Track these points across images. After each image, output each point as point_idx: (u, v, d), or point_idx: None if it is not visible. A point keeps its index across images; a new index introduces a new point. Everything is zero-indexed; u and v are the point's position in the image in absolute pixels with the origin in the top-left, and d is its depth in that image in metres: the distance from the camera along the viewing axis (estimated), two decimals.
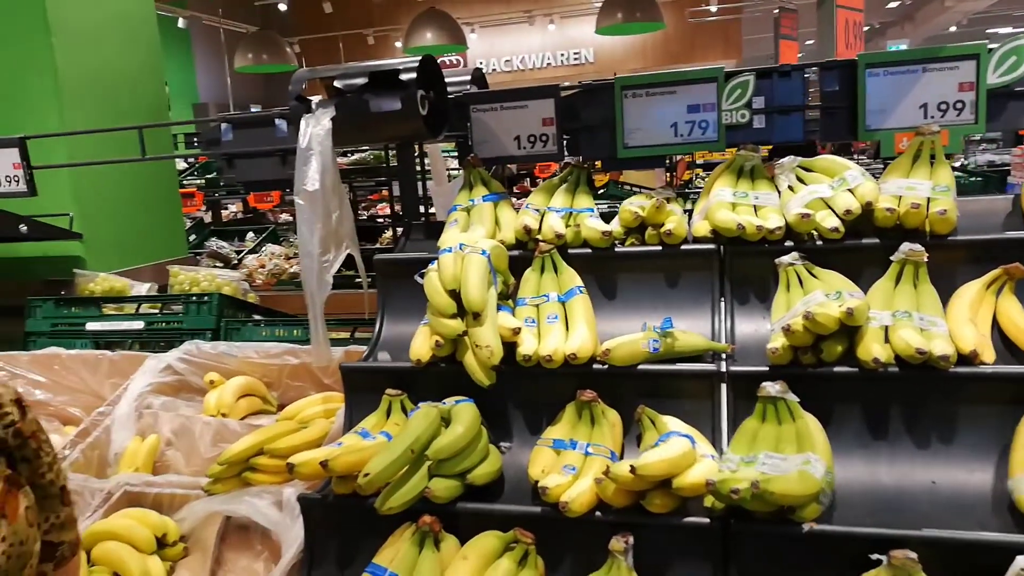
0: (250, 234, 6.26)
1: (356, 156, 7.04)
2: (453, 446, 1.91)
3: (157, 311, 3.24)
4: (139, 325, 3.16)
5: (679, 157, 10.38)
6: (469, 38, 12.86)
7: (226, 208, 8.43)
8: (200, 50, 13.72)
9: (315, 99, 2.46)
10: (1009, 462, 1.78)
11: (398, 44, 13.51)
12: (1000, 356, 1.92)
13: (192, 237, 5.84)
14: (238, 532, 2.22)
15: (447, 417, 2.03)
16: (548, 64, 15.16)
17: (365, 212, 8.75)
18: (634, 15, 9.38)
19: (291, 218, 8.43)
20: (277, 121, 2.77)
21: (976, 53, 2.26)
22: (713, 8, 13.44)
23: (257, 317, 3.27)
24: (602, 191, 7.58)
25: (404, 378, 2.24)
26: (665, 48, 14.54)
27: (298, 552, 2.05)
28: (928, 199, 2.06)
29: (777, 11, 11.36)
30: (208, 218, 7.08)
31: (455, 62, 14.24)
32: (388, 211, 8.04)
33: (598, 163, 2.89)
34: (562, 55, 15.11)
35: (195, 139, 6.74)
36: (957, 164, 8.96)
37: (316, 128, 2.32)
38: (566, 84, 2.59)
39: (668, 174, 9.70)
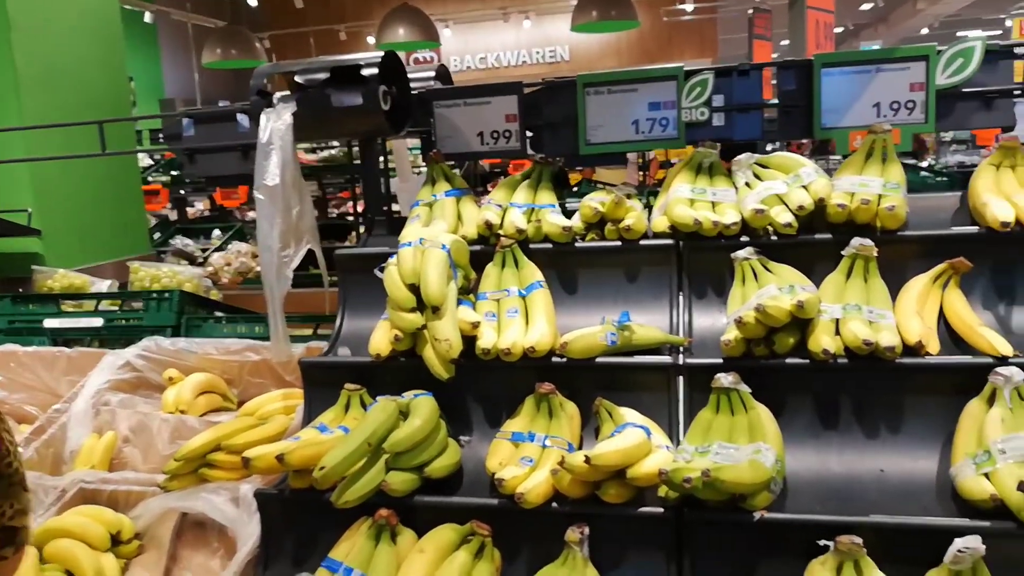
0: (216, 232, 6.19)
1: (326, 153, 7.01)
2: (410, 439, 1.92)
3: (117, 308, 3.20)
4: (98, 322, 3.12)
5: (652, 156, 10.47)
6: (443, 34, 12.84)
7: (192, 205, 8.33)
8: (167, 45, 13.53)
9: (277, 95, 2.45)
10: (952, 450, 1.83)
11: (370, 40, 13.43)
12: (945, 347, 1.97)
13: (157, 235, 5.78)
14: (194, 529, 2.20)
15: (405, 411, 2.03)
16: (523, 62, 15.16)
17: (335, 210, 8.71)
18: (609, 13, 9.40)
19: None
20: (239, 116, 2.75)
21: (926, 54, 2.31)
22: (688, 7, 13.54)
23: (219, 314, 3.24)
24: (576, 188, 7.62)
25: (363, 373, 2.25)
26: (640, 46, 14.60)
27: (254, 548, 2.05)
28: (879, 195, 2.11)
29: (751, 11, 11.48)
30: (174, 215, 7.00)
31: (429, 59, 14.19)
32: (357, 209, 8.01)
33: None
34: (537, 52, 15.11)
35: (159, 135, 6.66)
36: (925, 164, 9.11)
37: (277, 123, 2.31)
38: (529, 81, 2.60)
39: (641, 173, 9.78)
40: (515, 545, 1.92)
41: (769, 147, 3.72)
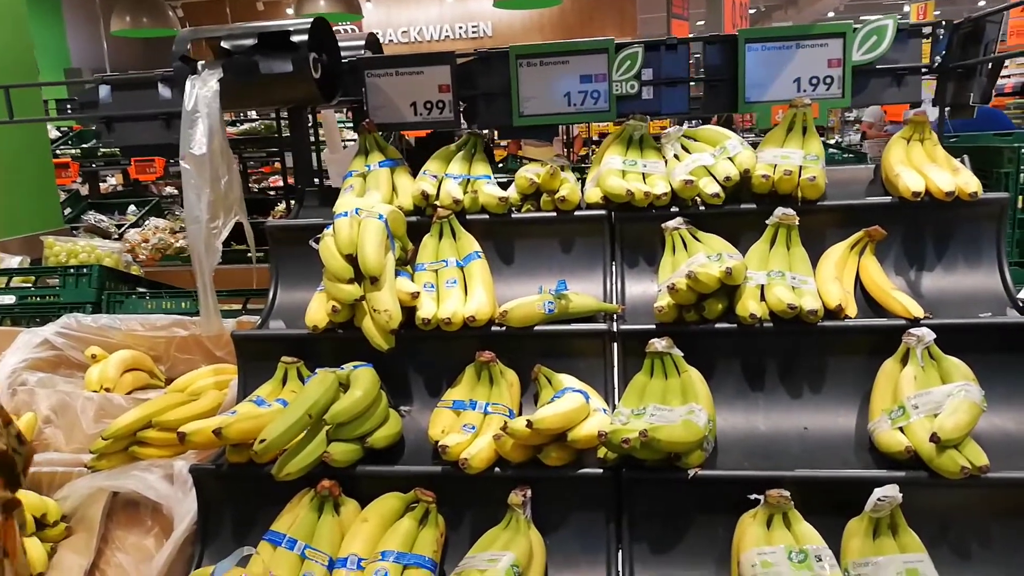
0: (132, 207, 5.93)
1: (246, 126, 6.78)
2: (351, 410, 1.91)
3: (30, 285, 3.04)
4: (10, 300, 2.96)
5: (576, 132, 10.57)
6: (365, 7, 12.54)
7: (104, 180, 7.94)
8: (72, 12, 12.75)
9: (202, 62, 2.36)
10: (869, 407, 1.95)
11: (289, 11, 13.02)
12: (862, 311, 2.09)
13: (68, 210, 5.48)
14: (126, 508, 2.14)
15: (345, 382, 2.02)
16: (446, 36, 15.00)
17: (255, 185, 8.46)
18: None
19: (176, 191, 8.04)
20: (160, 83, 2.64)
21: (843, 32, 2.42)
22: None
23: (141, 289, 3.12)
24: (501, 164, 7.62)
25: (300, 345, 2.22)
26: (562, 23, 14.65)
27: (191, 525, 2.01)
28: (800, 167, 2.21)
29: None
30: (85, 190, 6.65)
31: (350, 31, 13.86)
32: (281, 183, 7.81)
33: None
34: (460, 28, 14.98)
35: (68, 105, 6.30)
36: (832, 141, 9.52)
37: (203, 90, 2.23)
38: (462, 52, 2.59)
39: (565, 149, 9.87)
40: (458, 511, 1.96)
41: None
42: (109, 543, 2.09)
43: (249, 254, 2.60)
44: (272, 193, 6.84)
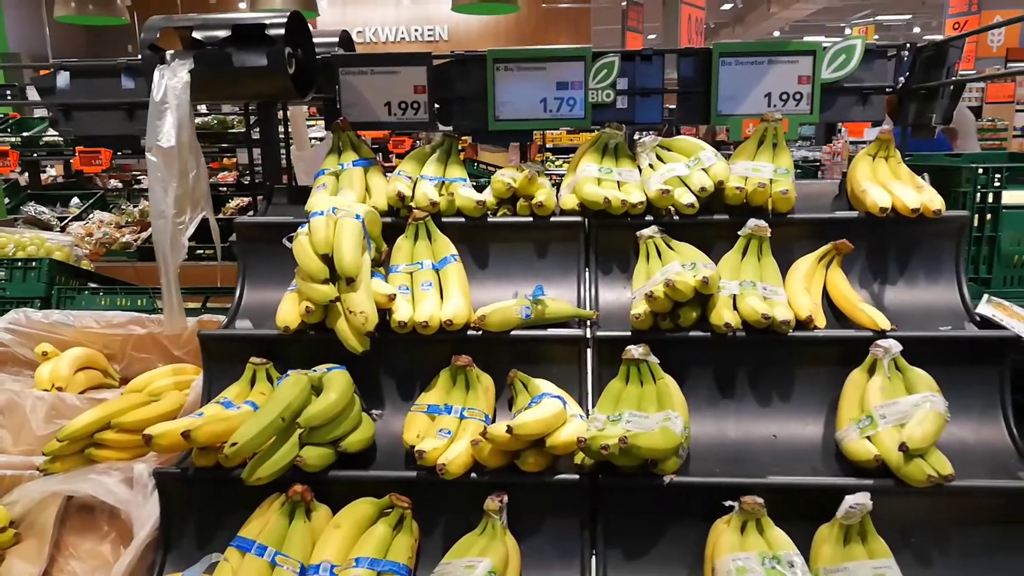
0: (75, 199, 5.70)
1: (198, 120, 6.60)
2: (326, 413, 1.87)
3: None
4: None
5: (531, 140, 10.59)
6: (320, 5, 12.36)
7: (45, 170, 7.63)
8: None
9: (170, 52, 2.29)
10: (837, 416, 2.00)
11: (242, 6, 12.75)
12: (829, 322, 2.14)
13: (5, 200, 5.23)
14: (81, 513, 2.05)
15: (318, 385, 1.98)
16: (402, 39, 14.92)
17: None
18: None
19: (120, 184, 7.76)
20: (124, 72, 2.54)
21: (813, 50, 2.48)
22: None
23: (94, 285, 3.00)
24: None
25: (270, 346, 2.17)
26: (518, 31, 14.74)
27: (152, 531, 1.94)
28: (771, 180, 2.25)
29: (625, 3, 11.82)
30: (24, 180, 6.37)
31: None
32: (233, 179, 7.62)
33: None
34: (416, 30, 14.92)
35: (7, 91, 6.02)
36: None
37: (172, 80, 2.16)
38: (438, 53, 2.57)
39: (520, 154, 9.88)
40: (433, 517, 1.93)
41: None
42: (62, 550, 2.00)
43: (205, 252, 2.53)
44: (224, 189, 6.66)
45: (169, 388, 2.34)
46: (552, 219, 2.33)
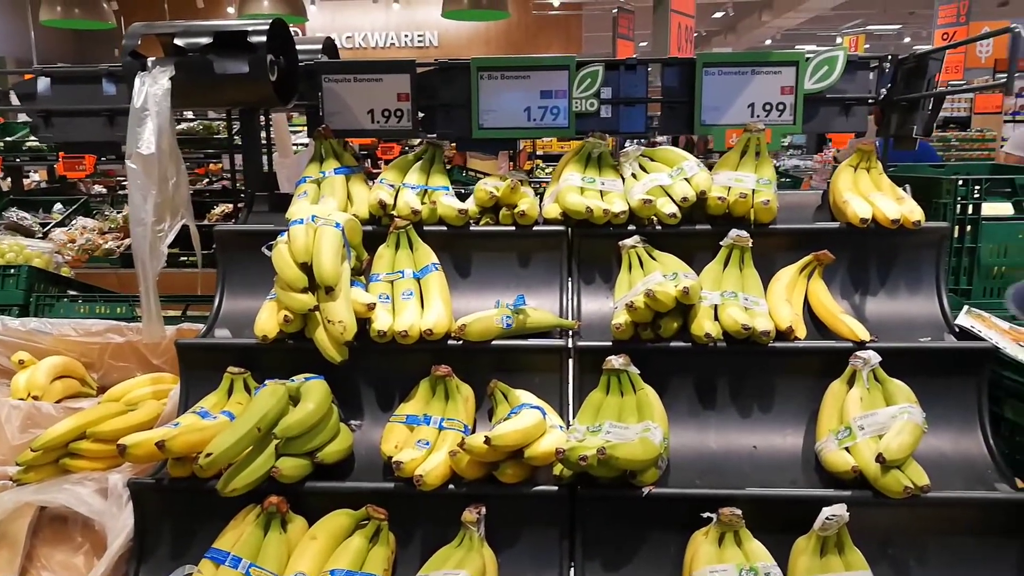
0: (58, 205, 5.65)
1: (183, 125, 6.58)
2: (303, 423, 1.86)
3: None
4: None
5: (521, 147, 10.62)
6: (309, 10, 12.35)
7: (28, 176, 7.57)
8: None
9: (152, 58, 2.27)
10: (817, 427, 2.00)
11: (231, 10, 12.72)
12: (809, 332, 2.14)
13: None
14: (55, 524, 2.02)
15: (295, 395, 1.96)
16: (391, 44, 14.92)
17: (191, 187, 8.20)
18: (480, 2, 9.38)
19: (104, 190, 7.72)
20: (105, 78, 2.52)
21: (796, 60, 2.49)
22: (556, 2, 13.81)
23: (73, 293, 2.98)
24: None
25: (247, 356, 2.15)
26: (508, 38, 14.77)
27: (126, 542, 1.91)
28: (753, 190, 2.26)
29: (615, 11, 11.85)
30: (7, 186, 6.32)
31: (295, 34, 13.62)
32: (218, 185, 7.60)
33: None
34: (406, 36, 14.93)
35: None
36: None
37: (153, 87, 2.14)
38: (422, 60, 2.56)
39: (511, 163, 9.90)
40: (410, 529, 1.92)
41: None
42: (34, 561, 1.97)
43: (188, 259, 2.51)
44: (208, 195, 6.63)
45: (147, 397, 2.32)
46: (535, 228, 2.32)
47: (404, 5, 14.39)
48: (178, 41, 2.20)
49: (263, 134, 2.90)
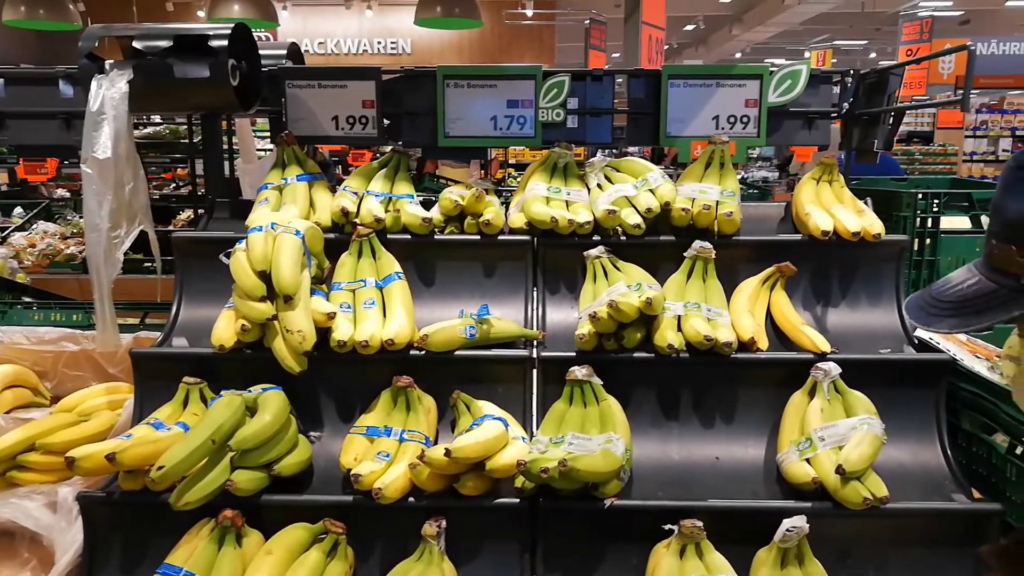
0: (18, 209, 5.53)
1: (149, 129, 6.48)
2: (259, 435, 1.82)
3: None
4: None
5: (493, 156, 10.63)
6: (281, 15, 12.26)
7: None
8: None
9: (110, 61, 2.23)
10: (778, 438, 2.01)
11: (201, 14, 12.56)
12: (772, 344, 2.15)
13: None
14: (0, 540, 1.95)
15: (252, 406, 1.92)
16: (364, 51, 14.84)
17: (157, 192, 8.07)
18: (453, 10, 9.40)
19: (67, 194, 7.56)
20: (62, 81, 2.47)
21: (760, 74, 2.51)
22: (529, 12, 13.85)
23: (27, 299, 2.90)
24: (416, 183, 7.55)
25: (204, 365, 2.10)
26: (481, 46, 14.77)
27: (75, 557, 1.85)
28: (717, 202, 2.27)
29: (588, 22, 11.93)
30: None
31: (265, 39, 13.51)
32: (185, 191, 7.48)
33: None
34: (379, 43, 14.86)
35: None
36: (739, 177, 9.94)
37: (110, 91, 2.10)
38: (387, 68, 2.54)
39: (483, 172, 9.91)
40: (369, 542, 1.88)
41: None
42: None
43: (152, 265, 2.46)
44: (175, 201, 6.53)
45: (101, 408, 2.26)
46: (500, 237, 2.31)
47: (377, 12, 14.33)
48: (137, 44, 2.16)
49: (225, 139, 2.85)
